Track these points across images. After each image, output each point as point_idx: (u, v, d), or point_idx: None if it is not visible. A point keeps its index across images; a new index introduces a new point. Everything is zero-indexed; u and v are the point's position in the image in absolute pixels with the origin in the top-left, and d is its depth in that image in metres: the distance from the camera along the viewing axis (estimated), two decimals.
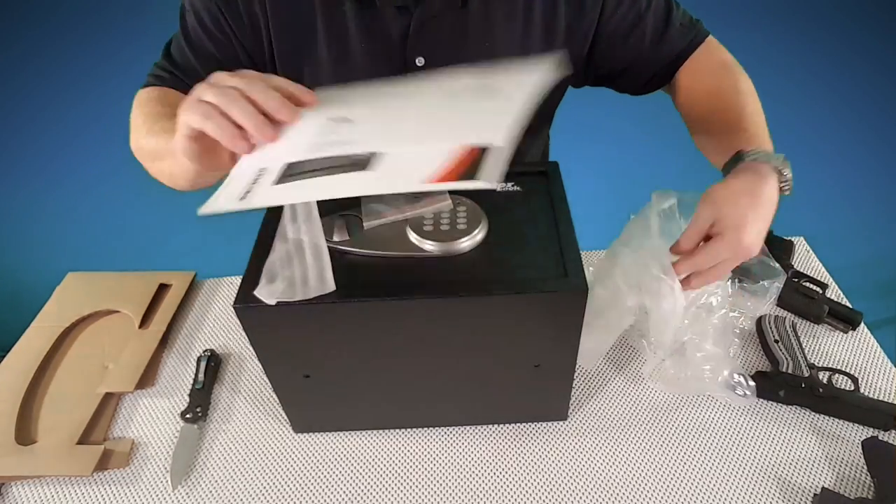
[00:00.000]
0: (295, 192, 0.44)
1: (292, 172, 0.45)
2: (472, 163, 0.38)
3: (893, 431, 0.66)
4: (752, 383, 0.68)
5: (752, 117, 0.66)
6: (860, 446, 0.63)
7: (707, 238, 0.59)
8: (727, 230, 0.57)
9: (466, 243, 0.58)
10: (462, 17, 0.70)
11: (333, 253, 0.56)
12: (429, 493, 0.64)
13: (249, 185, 0.46)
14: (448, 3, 0.69)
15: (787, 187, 0.61)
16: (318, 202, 0.53)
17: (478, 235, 0.59)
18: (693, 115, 0.73)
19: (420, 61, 0.72)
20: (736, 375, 0.69)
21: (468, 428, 0.69)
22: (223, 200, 0.45)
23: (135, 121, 0.67)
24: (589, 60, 0.77)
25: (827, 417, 0.68)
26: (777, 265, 0.79)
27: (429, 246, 0.58)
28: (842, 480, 0.63)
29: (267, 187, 0.45)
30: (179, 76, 0.71)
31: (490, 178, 0.37)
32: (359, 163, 0.43)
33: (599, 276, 0.67)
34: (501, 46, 0.73)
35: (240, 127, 0.46)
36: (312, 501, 0.64)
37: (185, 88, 0.69)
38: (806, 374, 0.70)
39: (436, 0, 0.68)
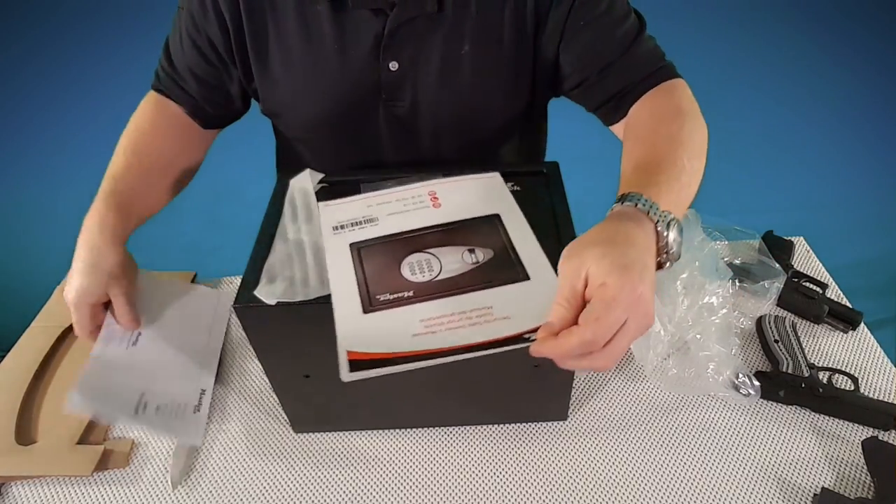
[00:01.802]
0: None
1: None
2: None
3: (893, 431, 0.66)
4: (756, 383, 0.68)
5: (672, 172, 0.56)
6: (860, 446, 0.63)
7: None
8: (610, 273, 0.43)
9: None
10: (437, 23, 0.69)
11: None
12: (429, 493, 0.64)
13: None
14: (422, 6, 0.67)
15: (665, 254, 0.48)
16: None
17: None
18: (626, 149, 0.64)
19: (394, 66, 0.70)
20: (740, 375, 0.69)
21: (468, 428, 0.69)
22: None
23: (133, 126, 0.72)
24: (557, 66, 0.74)
25: (827, 417, 0.68)
26: (777, 265, 0.79)
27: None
28: (842, 480, 0.63)
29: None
30: (171, 74, 0.74)
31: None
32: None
33: None
34: (476, 53, 0.71)
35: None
36: (312, 501, 0.64)
37: (178, 91, 0.75)
38: (806, 374, 0.70)
39: (410, 3, 0.66)
